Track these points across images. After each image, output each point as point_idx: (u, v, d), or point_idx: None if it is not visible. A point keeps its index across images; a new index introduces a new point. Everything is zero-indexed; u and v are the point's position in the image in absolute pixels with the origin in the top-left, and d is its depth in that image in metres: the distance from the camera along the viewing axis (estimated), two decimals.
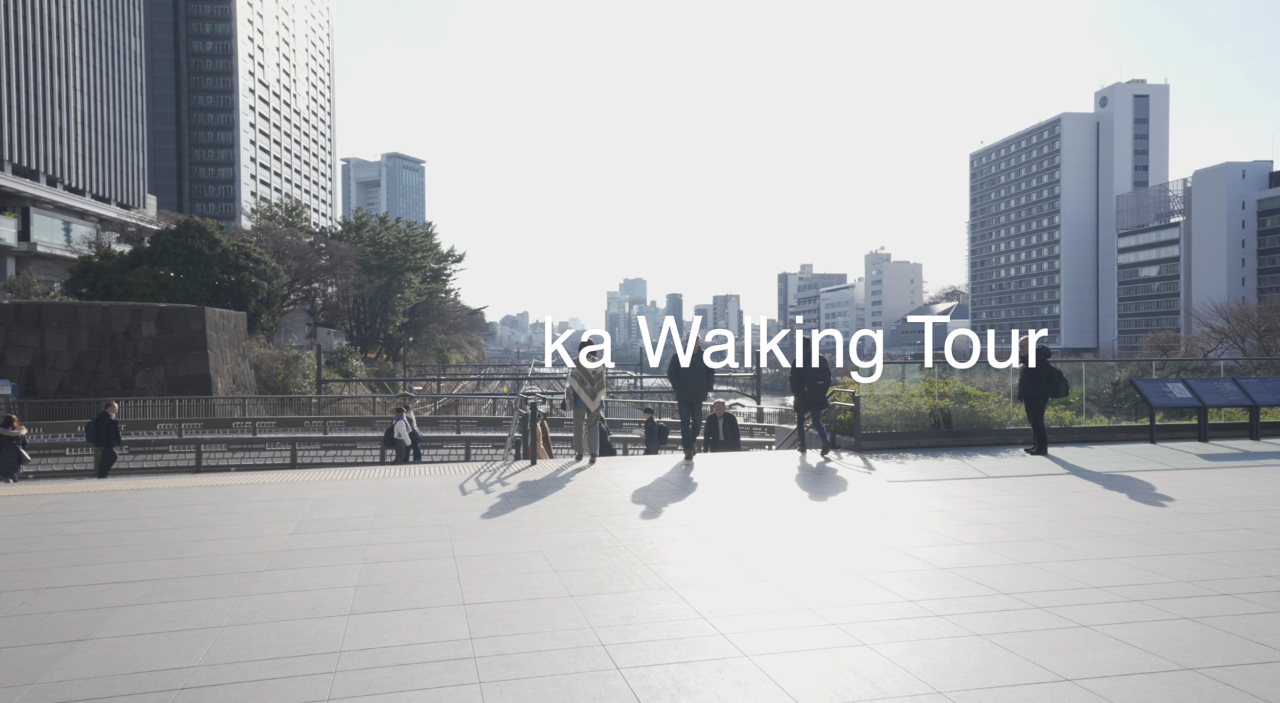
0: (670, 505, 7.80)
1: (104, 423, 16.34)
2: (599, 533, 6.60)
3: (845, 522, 6.99)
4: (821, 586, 5.05)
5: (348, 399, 44.21)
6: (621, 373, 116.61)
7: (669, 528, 6.79)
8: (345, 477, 9.74)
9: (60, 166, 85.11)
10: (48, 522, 7.06)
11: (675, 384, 11.25)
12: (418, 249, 79.19)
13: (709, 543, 6.22)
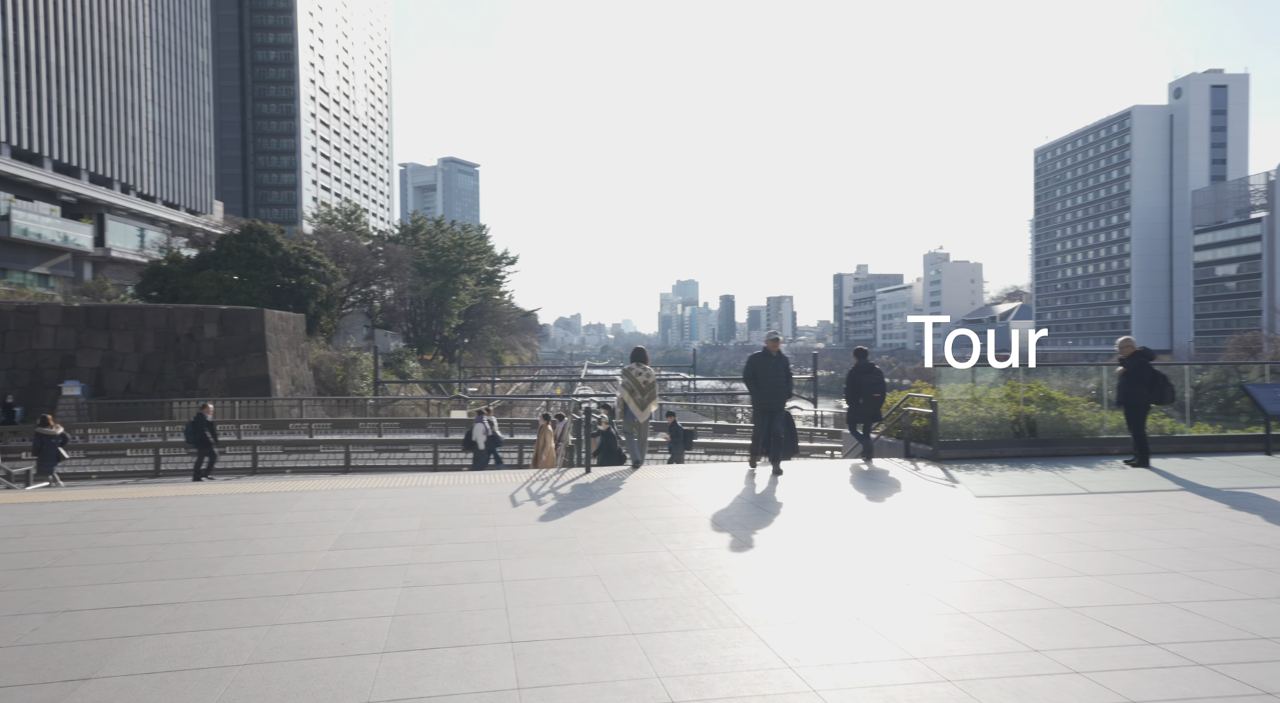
0: (736, 522, 7.13)
1: (201, 424, 16.46)
2: (661, 554, 5.98)
3: (935, 544, 6.23)
4: (925, 627, 4.34)
5: (404, 400, 44.50)
6: (674, 375, 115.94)
7: (738, 549, 6.13)
8: (393, 484, 9.31)
9: (133, 174, 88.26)
10: (84, 532, 6.74)
11: (753, 389, 10.30)
12: (472, 252, 79.86)
13: (785, 568, 5.54)
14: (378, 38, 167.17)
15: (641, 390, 10.48)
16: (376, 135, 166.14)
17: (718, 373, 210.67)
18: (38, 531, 6.75)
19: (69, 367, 28.92)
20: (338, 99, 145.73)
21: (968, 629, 4.30)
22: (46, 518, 7.28)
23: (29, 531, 6.74)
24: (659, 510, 7.67)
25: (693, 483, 9.39)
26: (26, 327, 28.96)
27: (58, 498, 8.44)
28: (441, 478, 9.99)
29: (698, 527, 6.95)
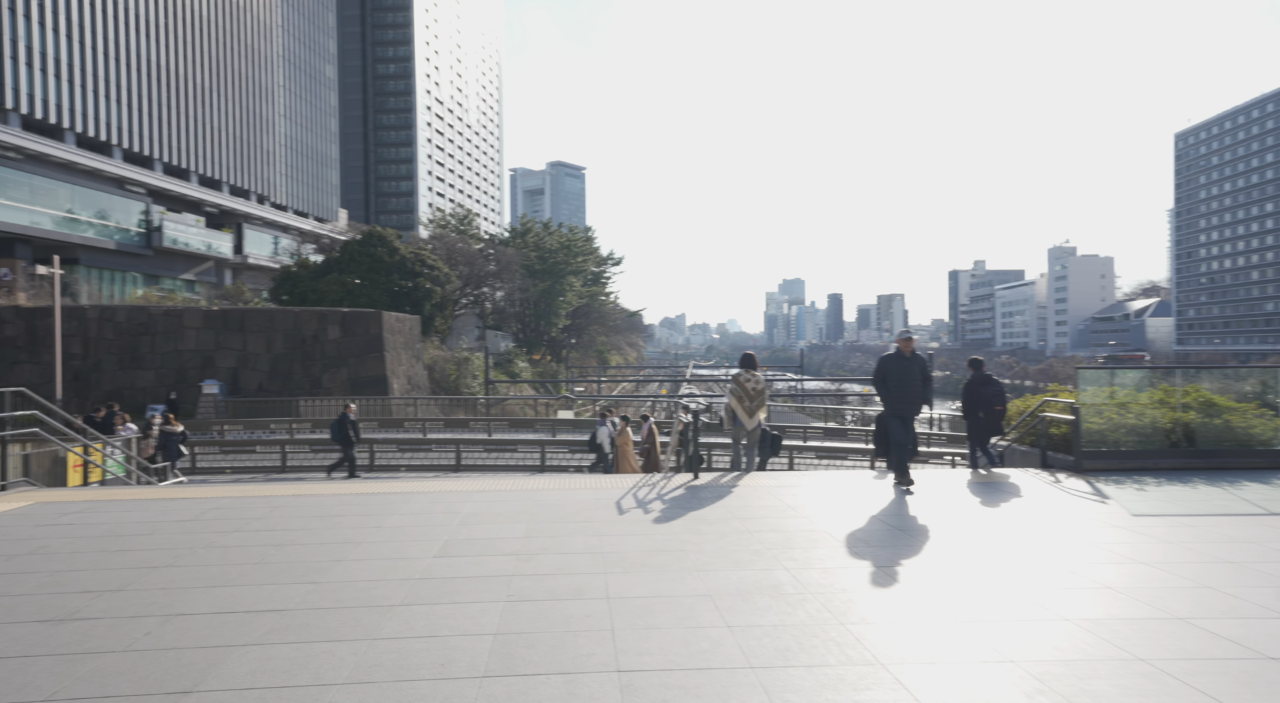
0: (859, 538, 6.58)
1: (344, 423, 17.23)
2: (778, 573, 5.53)
3: (1092, 570, 5.51)
4: (1094, 675, 3.73)
5: (513, 400, 45.44)
6: (780, 375, 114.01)
7: (862, 570, 5.60)
8: (498, 487, 9.22)
9: (268, 186, 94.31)
10: (206, 530, 6.91)
11: (884, 393, 9.43)
12: (578, 253, 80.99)
13: (919, 594, 4.99)
14: (489, 46, 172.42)
15: (750, 397, 10.07)
16: (488, 141, 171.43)
17: (825, 373, 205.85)
18: (164, 528, 6.96)
19: (209, 366, 30.93)
20: (451, 108, 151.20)
21: (1151, 682, 3.66)
22: (174, 515, 7.54)
23: (157, 528, 6.96)
24: (772, 522, 7.21)
25: (807, 492, 8.86)
26: (173, 329, 31.17)
27: (186, 495, 8.78)
28: (547, 481, 9.85)
29: (816, 542, 6.45)
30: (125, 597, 4.92)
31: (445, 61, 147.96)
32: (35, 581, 5.28)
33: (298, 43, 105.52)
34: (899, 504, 8.13)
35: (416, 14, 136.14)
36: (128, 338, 30.92)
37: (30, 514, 7.55)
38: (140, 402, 30.00)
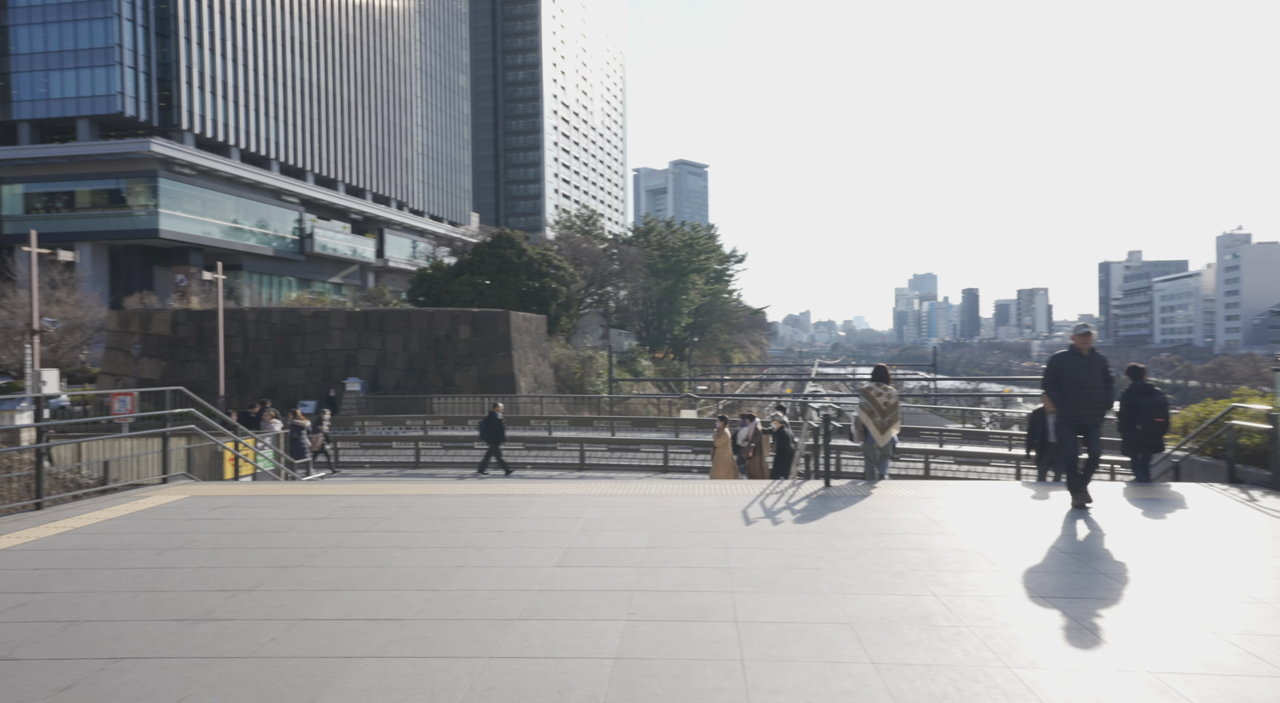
0: (1019, 562, 5.89)
1: (493, 421, 17.80)
2: (926, 600, 4.98)
3: None
4: None
5: (636, 398, 45.67)
6: (911, 374, 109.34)
7: (1028, 600, 4.96)
8: (620, 492, 9.01)
9: (406, 192, 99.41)
10: (337, 529, 7.04)
11: (1057, 397, 8.11)
12: (701, 251, 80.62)
13: (1100, 637, 4.33)
14: (613, 48, 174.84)
15: (882, 412, 9.47)
16: (611, 142, 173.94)
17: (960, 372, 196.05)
18: (299, 526, 7.15)
19: (351, 365, 32.73)
20: (577, 111, 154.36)
21: None
22: (309, 513, 7.76)
23: (293, 526, 7.16)
24: (916, 540, 6.60)
25: (952, 505, 8.14)
26: (320, 330, 33.19)
27: (323, 492, 9.08)
28: (670, 486, 9.55)
29: (968, 565, 5.82)
30: (257, 598, 4.99)
31: (571, 66, 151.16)
32: (179, 577, 5.47)
33: (434, 55, 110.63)
34: (1064, 523, 7.29)
35: (544, 21, 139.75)
36: (281, 338, 33.18)
37: (183, 508, 7.98)
38: (292, 398, 32.10)
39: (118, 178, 64.18)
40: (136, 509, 7.89)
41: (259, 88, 74.57)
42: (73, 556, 6.07)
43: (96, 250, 65.34)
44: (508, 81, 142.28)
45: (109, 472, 10.26)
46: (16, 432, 14.09)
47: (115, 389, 33.34)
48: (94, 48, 63.84)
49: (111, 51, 63.52)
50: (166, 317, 33.85)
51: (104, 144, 63.75)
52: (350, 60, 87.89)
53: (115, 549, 6.26)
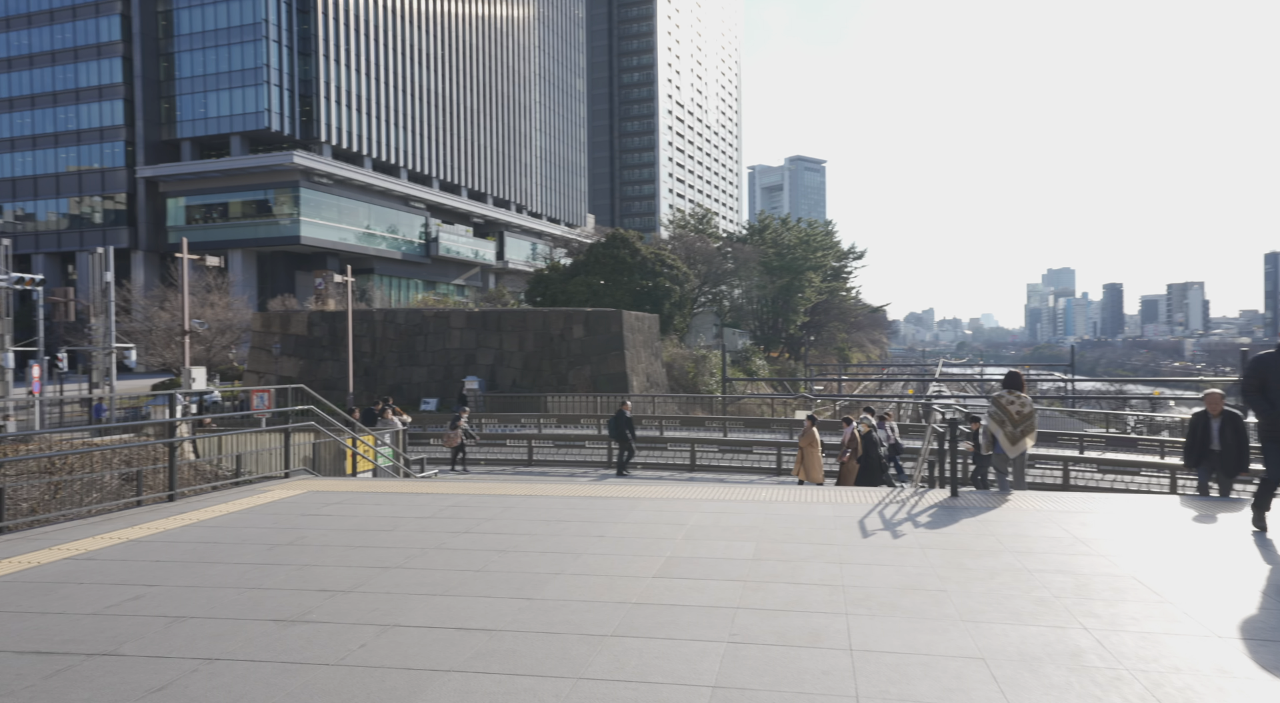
0: (1188, 592, 5.10)
1: (621, 420, 17.93)
2: (1075, 634, 4.36)
3: None
4: None
5: (749, 398, 44.93)
6: (1046, 374, 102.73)
7: (1204, 640, 4.25)
8: (728, 497, 8.63)
9: (524, 195, 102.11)
10: (439, 529, 7.02)
11: (1260, 405, 6.83)
12: (818, 248, 78.60)
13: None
14: (728, 46, 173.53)
15: (1014, 422, 8.67)
16: (726, 140, 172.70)
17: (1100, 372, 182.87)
18: (404, 525, 7.18)
19: (470, 364, 33.71)
20: (691, 110, 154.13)
21: None
22: (415, 511, 7.79)
23: (398, 524, 7.19)
24: (1058, 560, 5.88)
25: (1100, 521, 7.29)
26: (441, 329, 34.38)
27: (431, 490, 9.16)
28: (781, 491, 9.08)
29: (1123, 593, 5.10)
30: (353, 600, 4.94)
31: (686, 65, 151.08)
32: (284, 574, 5.52)
33: (551, 61, 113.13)
34: (1244, 548, 6.35)
35: (659, 21, 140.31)
36: (405, 338, 34.61)
37: (299, 504, 8.20)
38: (415, 396, 33.39)
39: (265, 189, 69.09)
40: (257, 503, 8.17)
41: (389, 99, 78.43)
42: (192, 549, 6.28)
43: (246, 257, 70.58)
44: (623, 83, 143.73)
45: (241, 465, 10.80)
46: (168, 426, 15.13)
47: (258, 386, 35.75)
48: (244, 68, 68.93)
49: (260, 71, 68.38)
50: (303, 318, 35.98)
51: (252, 157, 68.77)
52: (472, 69, 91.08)
53: (231, 543, 6.45)
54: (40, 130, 74.97)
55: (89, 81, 72.66)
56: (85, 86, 72.75)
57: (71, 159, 73.94)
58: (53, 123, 74.40)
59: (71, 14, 73.06)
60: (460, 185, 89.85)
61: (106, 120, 72.12)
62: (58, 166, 74.33)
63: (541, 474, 19.01)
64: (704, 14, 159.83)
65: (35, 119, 75.26)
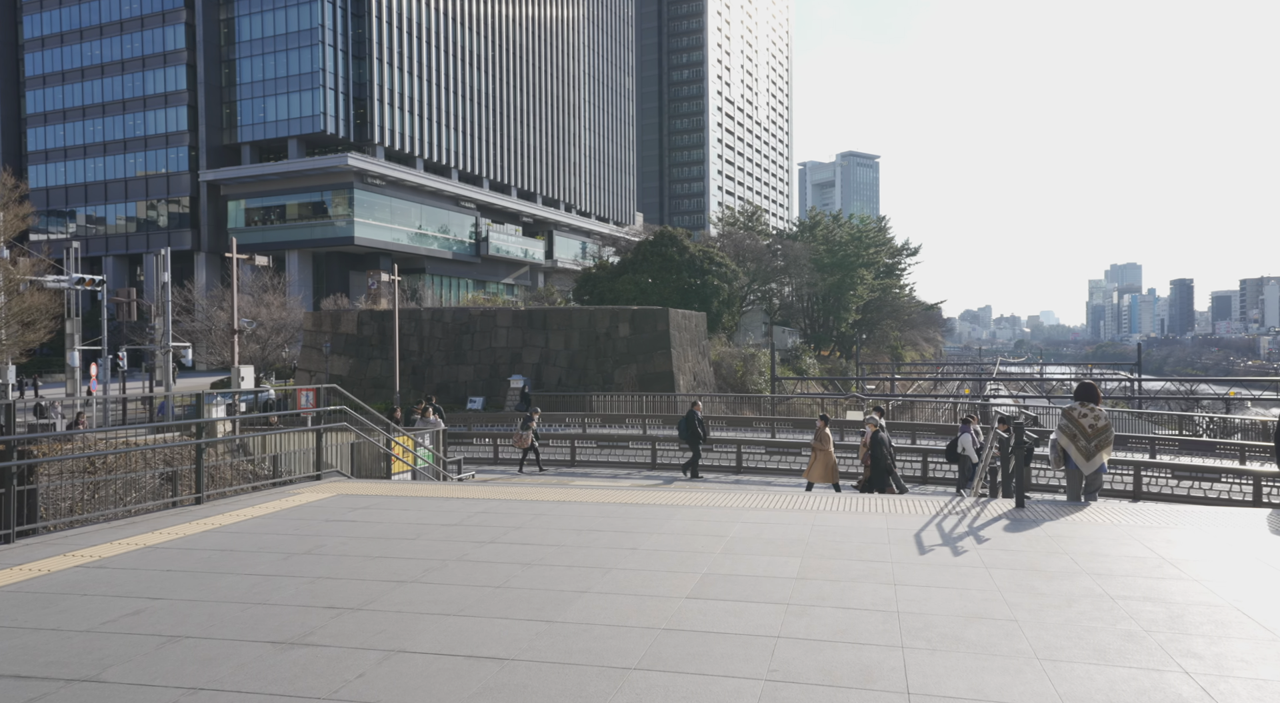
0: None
1: (692, 420, 17.57)
2: (1173, 678, 3.75)
3: None
4: None
5: (799, 398, 44.03)
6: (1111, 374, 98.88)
7: None
8: (772, 505, 8.10)
9: (573, 194, 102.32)
10: (464, 538, 6.66)
11: None
12: (870, 244, 76.91)
13: None
14: (779, 43, 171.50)
15: (1087, 436, 8.00)
16: (776, 137, 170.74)
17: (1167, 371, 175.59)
18: (428, 532, 6.83)
19: (516, 362, 33.62)
20: (741, 107, 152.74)
21: None
22: (442, 518, 7.45)
23: (421, 532, 6.85)
24: (1145, 585, 5.23)
25: (1188, 538, 6.56)
26: (487, 328, 34.37)
27: (463, 494, 8.83)
28: (829, 499, 8.51)
29: (1226, 627, 4.45)
30: (360, 620, 4.59)
31: (735, 61, 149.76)
32: (294, 588, 5.20)
33: (601, 60, 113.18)
34: None
35: (709, 18, 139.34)
36: (453, 336, 34.68)
37: (325, 508, 7.94)
38: (462, 394, 33.44)
39: (320, 191, 70.45)
40: (283, 507, 7.94)
41: (440, 101, 79.29)
42: (206, 557, 6.02)
43: (302, 258, 72.11)
44: (672, 81, 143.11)
45: (278, 466, 10.65)
46: (213, 425, 15.18)
47: (309, 385, 36.26)
48: (301, 73, 70.37)
49: (316, 75, 69.73)
50: (353, 317, 36.36)
51: (308, 160, 70.18)
52: (522, 70, 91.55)
53: (248, 551, 6.18)
54: (110, 137, 77.76)
55: (155, 89, 75.05)
56: (152, 94, 75.17)
57: (138, 164, 76.50)
58: (121, 130, 77.09)
59: (139, 24, 75.56)
60: (510, 185, 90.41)
61: (171, 126, 74.42)
62: (126, 172, 76.99)
63: (584, 475, 18.66)
64: (754, 10, 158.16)
65: (106, 126, 78.08)
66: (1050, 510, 7.78)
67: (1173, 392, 72.89)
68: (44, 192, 79.48)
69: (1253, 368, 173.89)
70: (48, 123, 79.53)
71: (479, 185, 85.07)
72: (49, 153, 79.72)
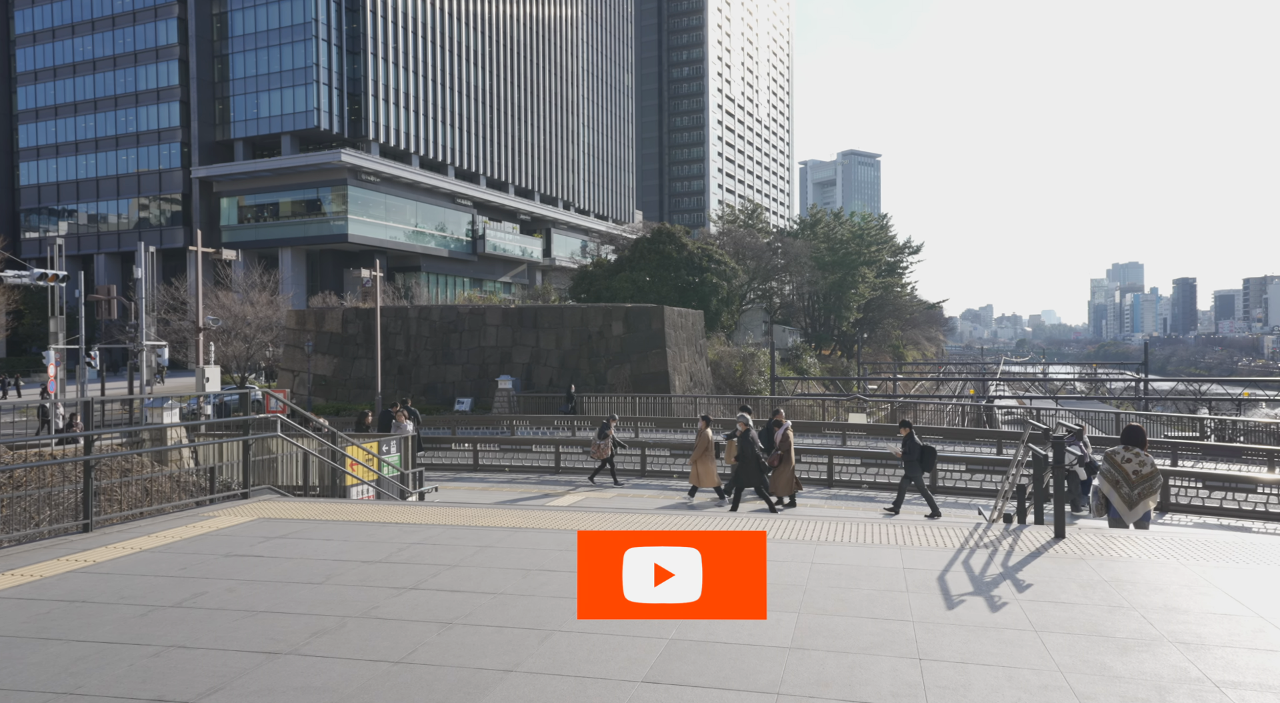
0: None
1: (771, 432, 15.50)
2: None
3: None
4: None
5: (800, 399, 42.80)
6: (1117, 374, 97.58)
7: None
8: (772, 532, 6.85)
9: (572, 192, 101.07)
10: (382, 582, 5.41)
11: None
12: (871, 242, 75.68)
13: None
14: (779, 41, 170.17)
15: (1130, 483, 7.02)
16: (777, 135, 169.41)
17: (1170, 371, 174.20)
18: (341, 574, 5.59)
19: (506, 362, 32.39)
20: (742, 105, 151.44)
21: None
22: (365, 553, 6.21)
23: (334, 573, 5.61)
24: (1255, 663, 3.97)
25: (1275, 577, 5.31)
26: (476, 326, 33.13)
27: (404, 519, 7.57)
28: (833, 526, 7.25)
29: None
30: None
31: (736, 59, 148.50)
32: (127, 664, 3.97)
33: (600, 56, 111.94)
34: None
35: (710, 15, 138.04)
36: (440, 335, 33.45)
37: (234, 537, 6.70)
38: (449, 395, 32.23)
39: (314, 187, 69.23)
40: (184, 537, 6.70)
41: (437, 97, 78.02)
42: (43, 614, 4.78)
43: (296, 255, 70.87)
44: (672, 78, 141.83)
45: (214, 480, 9.43)
46: (163, 433, 13.96)
47: (291, 386, 35.02)
48: (295, 68, 69.12)
49: (310, 70, 68.47)
50: (338, 315, 35.13)
51: (301, 156, 68.95)
52: (520, 66, 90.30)
53: (103, 603, 4.94)
54: (102, 133, 76.58)
55: (147, 84, 73.87)
56: (144, 89, 73.99)
57: (130, 161, 75.32)
58: (113, 126, 75.89)
59: (131, 19, 74.36)
60: (507, 183, 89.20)
61: (164, 122, 73.23)
62: (118, 168, 75.81)
63: (568, 484, 17.40)
64: (755, 8, 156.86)
65: (97, 122, 76.88)
66: (1096, 540, 6.52)
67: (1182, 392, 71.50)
68: (35, 189, 78.41)
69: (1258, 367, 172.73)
70: (39, 119, 78.39)
71: (476, 182, 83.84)
72: (40, 149, 78.58)
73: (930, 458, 14.00)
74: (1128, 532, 6.84)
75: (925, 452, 13.91)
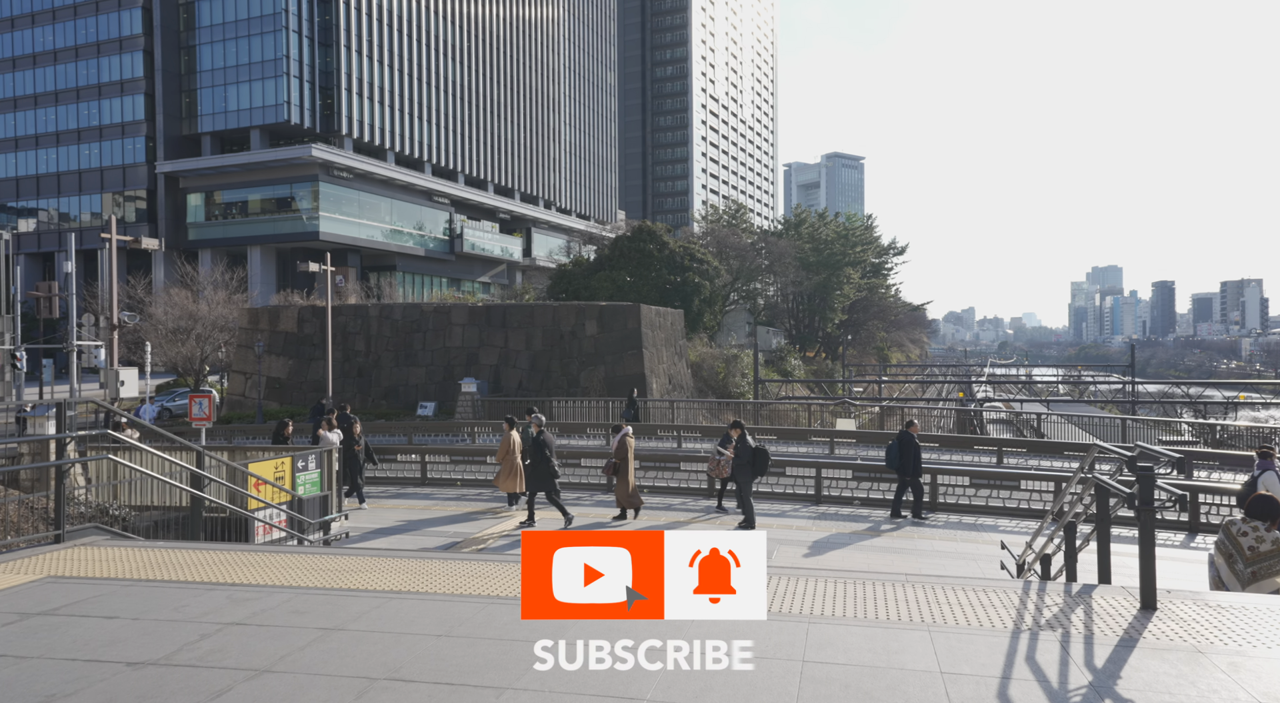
0: None
1: (908, 444, 13.42)
2: None
3: None
4: None
5: (784, 402, 41.05)
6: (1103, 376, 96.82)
7: None
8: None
9: (553, 191, 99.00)
10: (179, 687, 3.45)
11: None
12: (856, 243, 74.25)
13: None
14: (763, 41, 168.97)
15: (1245, 560, 5.26)
16: (761, 136, 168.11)
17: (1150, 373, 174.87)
18: (77, 692, 3.61)
19: (473, 363, 30.35)
20: (726, 105, 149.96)
21: None
22: (146, 645, 4.22)
23: (81, 685, 3.63)
24: None
25: None
26: (441, 326, 31.08)
27: (241, 579, 5.56)
28: (827, 589, 5.35)
29: None
30: None
31: (720, 59, 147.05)
32: None
33: (582, 54, 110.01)
34: None
35: (693, 14, 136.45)
36: (403, 335, 31.37)
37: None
38: (411, 399, 30.17)
39: (284, 184, 66.81)
40: None
41: (413, 92, 75.73)
42: None
43: (265, 254, 68.40)
44: (656, 77, 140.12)
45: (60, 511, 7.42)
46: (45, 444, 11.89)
47: (244, 389, 32.79)
48: (264, 60, 66.68)
49: (280, 63, 66.05)
50: (293, 313, 32.96)
51: (271, 151, 66.51)
52: (501, 62, 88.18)
53: None
54: (64, 126, 73.77)
55: (110, 76, 71.17)
56: (107, 81, 71.29)
57: (93, 155, 72.55)
58: (75, 119, 73.09)
59: (94, 8, 71.62)
60: (487, 181, 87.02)
61: (128, 115, 70.54)
62: (80, 163, 73.01)
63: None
64: (739, 8, 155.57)
65: (58, 115, 74.05)
66: (1202, 617, 4.67)
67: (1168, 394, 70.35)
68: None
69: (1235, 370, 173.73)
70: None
71: (454, 180, 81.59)
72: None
73: (763, 462, 12.87)
74: (1238, 601, 4.99)
75: (758, 454, 12.77)
